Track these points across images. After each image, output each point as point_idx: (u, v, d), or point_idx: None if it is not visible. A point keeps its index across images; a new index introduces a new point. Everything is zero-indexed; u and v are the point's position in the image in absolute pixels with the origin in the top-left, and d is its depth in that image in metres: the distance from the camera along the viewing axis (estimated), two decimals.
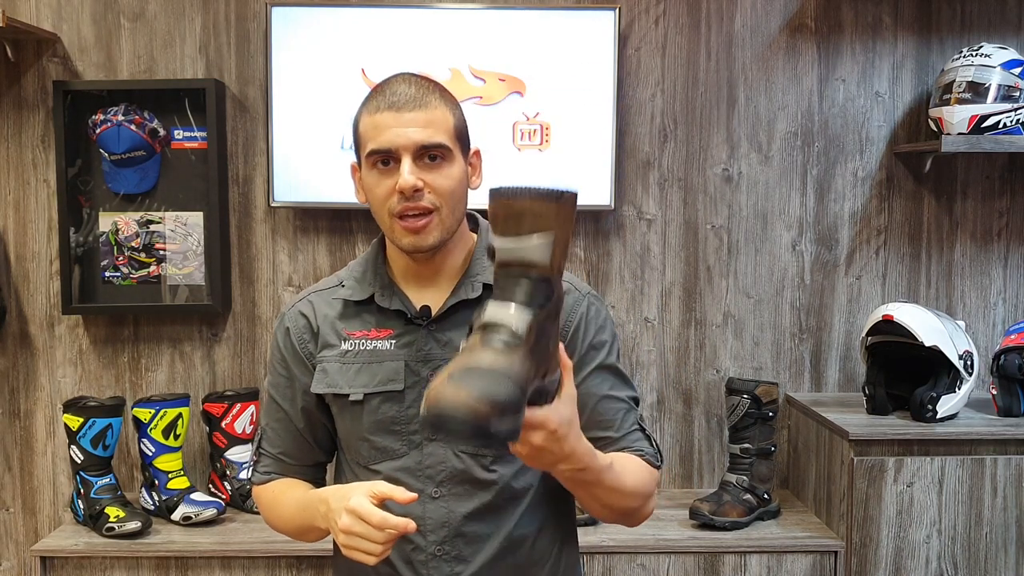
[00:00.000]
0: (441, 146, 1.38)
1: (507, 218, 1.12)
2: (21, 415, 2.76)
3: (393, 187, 1.37)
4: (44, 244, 2.72)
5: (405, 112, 1.37)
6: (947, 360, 2.42)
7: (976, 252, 2.81)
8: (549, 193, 1.11)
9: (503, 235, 1.13)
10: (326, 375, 1.47)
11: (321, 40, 2.61)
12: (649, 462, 1.46)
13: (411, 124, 1.37)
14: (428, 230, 1.38)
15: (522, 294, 1.11)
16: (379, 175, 1.39)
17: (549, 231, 1.11)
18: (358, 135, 1.43)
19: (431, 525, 1.42)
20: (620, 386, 1.48)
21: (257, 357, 2.77)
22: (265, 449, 1.55)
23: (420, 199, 1.37)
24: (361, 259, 1.53)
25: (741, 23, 2.74)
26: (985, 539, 2.39)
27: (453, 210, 1.40)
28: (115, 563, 2.39)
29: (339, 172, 2.64)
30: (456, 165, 1.41)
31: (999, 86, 2.50)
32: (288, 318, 1.53)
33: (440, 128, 1.39)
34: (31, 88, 2.69)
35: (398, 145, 1.36)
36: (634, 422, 1.48)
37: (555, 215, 1.11)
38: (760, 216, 2.78)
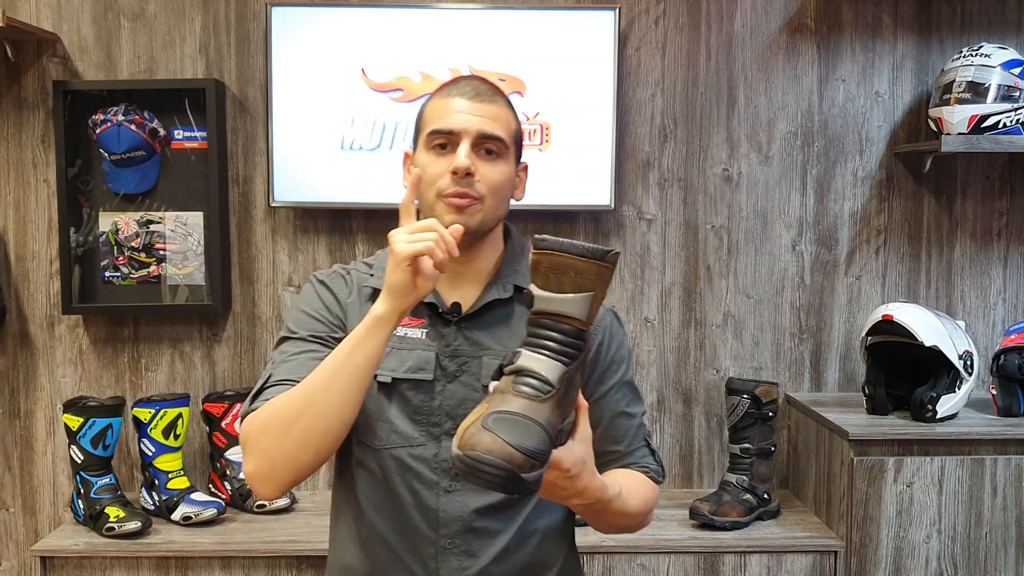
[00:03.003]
0: (500, 140, 1.42)
1: (549, 270, 1.15)
2: (21, 415, 2.76)
3: (446, 168, 1.39)
4: (44, 244, 2.72)
5: (476, 102, 1.42)
6: (947, 360, 2.42)
7: (976, 252, 2.81)
8: (595, 252, 1.15)
9: (544, 288, 1.16)
10: None
11: (321, 40, 2.61)
12: (652, 478, 1.51)
13: (479, 113, 1.41)
14: (472, 211, 1.39)
15: (557, 345, 1.15)
16: (435, 156, 1.42)
17: (590, 290, 1.15)
18: (423, 118, 1.47)
19: (444, 518, 1.41)
20: (635, 402, 1.52)
21: (257, 357, 2.77)
22: (275, 381, 1.37)
23: (470, 185, 1.39)
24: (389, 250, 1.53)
25: (741, 23, 2.75)
26: (985, 539, 2.39)
27: (496, 206, 1.43)
28: (115, 563, 2.39)
29: (339, 172, 2.64)
30: (508, 165, 1.44)
31: (999, 86, 2.50)
32: (329, 279, 1.49)
33: (503, 126, 1.43)
34: (31, 88, 2.69)
35: (461, 128, 1.40)
36: (642, 438, 1.52)
37: (597, 274, 1.15)
38: (760, 216, 2.78)
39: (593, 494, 1.26)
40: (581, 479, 1.22)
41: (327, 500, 2.67)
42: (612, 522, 1.41)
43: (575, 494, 1.24)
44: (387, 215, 2.73)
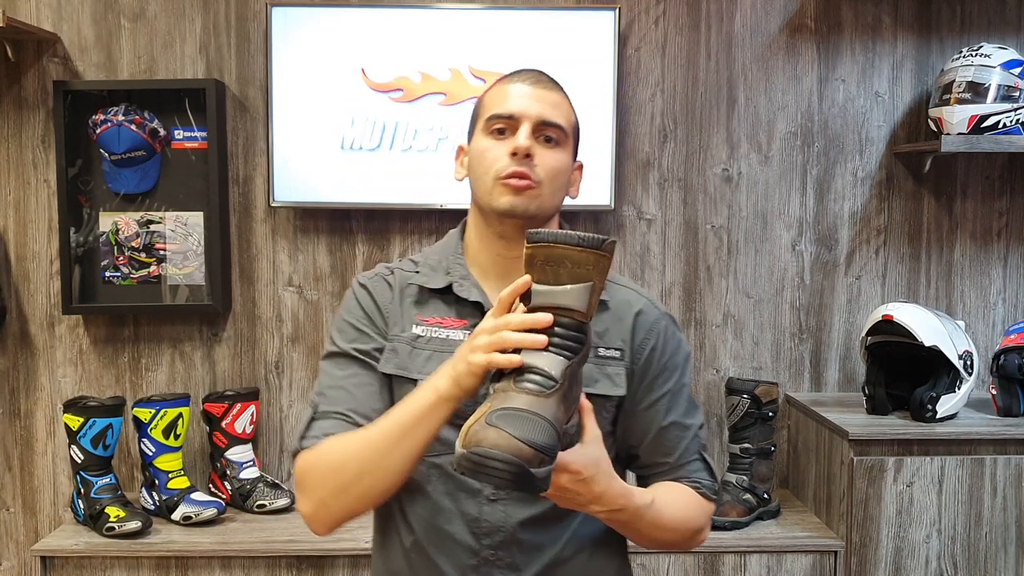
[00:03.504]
0: (560, 128, 1.39)
1: (545, 263, 1.12)
2: (21, 415, 2.76)
3: (505, 151, 1.36)
4: (44, 244, 2.72)
5: (537, 88, 1.39)
6: (947, 360, 2.42)
7: (976, 252, 2.81)
8: (591, 241, 1.12)
9: (541, 281, 1.13)
10: (396, 356, 1.39)
11: (321, 40, 2.61)
12: (704, 495, 1.44)
13: (540, 99, 1.38)
14: (529, 195, 1.36)
15: (558, 340, 1.12)
16: (494, 141, 1.39)
17: (588, 281, 1.11)
18: (481, 106, 1.44)
19: (486, 528, 1.35)
20: (687, 412, 1.46)
21: (257, 357, 2.77)
22: (323, 411, 1.36)
23: (529, 167, 1.35)
24: (436, 248, 1.50)
25: (741, 23, 2.75)
26: (985, 539, 2.39)
27: (553, 195, 1.39)
28: (115, 563, 2.39)
29: (339, 172, 2.64)
30: (567, 155, 1.41)
31: (999, 86, 2.50)
32: (371, 282, 1.45)
33: (563, 114, 1.40)
34: (31, 88, 2.69)
35: (521, 111, 1.37)
36: (696, 451, 1.45)
37: (595, 264, 1.12)
38: (760, 216, 2.78)
39: (614, 499, 1.22)
40: (596, 482, 1.19)
41: None
42: (648, 534, 1.35)
43: (593, 499, 1.20)
44: (387, 215, 2.73)
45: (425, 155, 2.64)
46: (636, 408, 1.42)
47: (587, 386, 1.32)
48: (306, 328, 2.77)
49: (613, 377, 1.39)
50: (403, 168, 2.64)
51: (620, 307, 1.43)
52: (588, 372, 1.34)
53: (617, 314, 1.43)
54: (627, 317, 1.43)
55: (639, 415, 1.42)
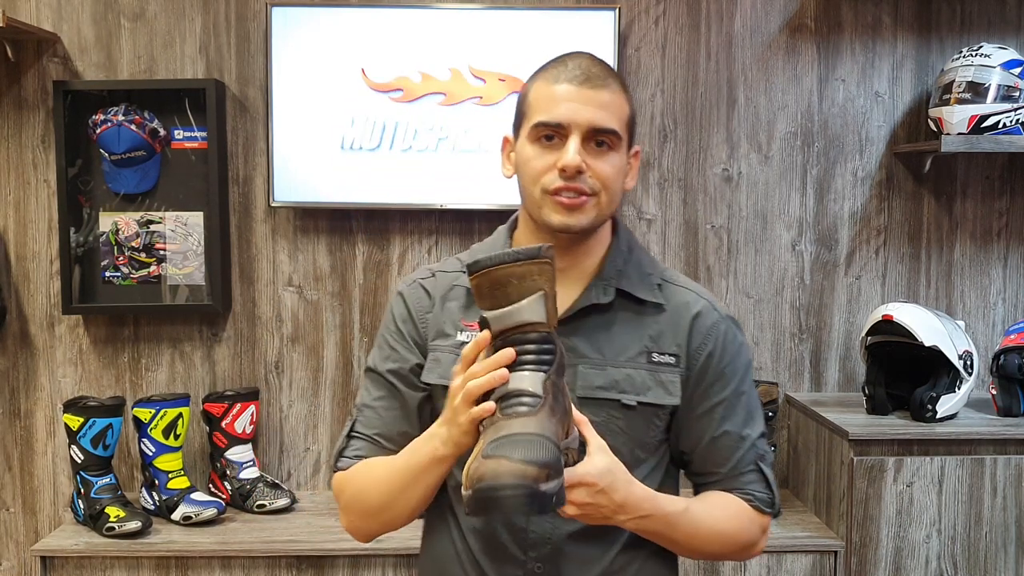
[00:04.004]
0: (613, 132, 1.29)
1: (493, 288, 1.12)
2: (21, 415, 2.76)
3: (553, 164, 1.28)
4: (44, 244, 2.72)
5: (586, 88, 1.28)
6: (947, 360, 2.42)
7: (976, 252, 2.81)
8: (528, 252, 1.12)
9: (493, 307, 1.13)
10: (439, 365, 1.36)
11: (321, 40, 2.61)
12: (757, 507, 1.37)
13: (589, 102, 1.28)
14: (583, 211, 1.29)
15: (530, 356, 1.11)
16: (540, 149, 1.30)
17: (539, 291, 1.11)
18: (526, 103, 1.33)
19: (533, 540, 1.31)
20: (745, 422, 1.38)
21: (257, 357, 2.77)
22: (358, 432, 1.40)
23: (581, 182, 1.28)
24: (485, 246, 1.43)
25: (741, 23, 2.75)
26: (985, 539, 2.39)
27: (610, 201, 1.32)
28: (115, 563, 2.39)
29: (339, 172, 2.64)
30: (621, 156, 1.32)
31: (999, 86, 2.50)
32: (408, 289, 1.42)
33: (616, 114, 1.30)
34: (31, 88, 2.69)
35: (571, 121, 1.28)
36: (751, 461, 1.38)
37: (539, 272, 1.12)
38: (760, 216, 2.78)
39: (637, 505, 1.20)
40: (615, 490, 1.17)
41: (327, 500, 2.69)
42: (688, 544, 1.31)
43: (616, 508, 1.18)
44: (387, 215, 2.73)
45: (425, 155, 2.64)
46: (690, 415, 1.37)
47: (638, 394, 1.30)
48: (306, 328, 2.77)
49: (667, 385, 1.34)
50: (403, 168, 2.64)
51: (677, 310, 1.37)
52: (641, 380, 1.32)
53: (673, 317, 1.36)
54: (684, 320, 1.36)
55: (692, 422, 1.37)
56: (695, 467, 1.41)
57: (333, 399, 2.78)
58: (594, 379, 1.31)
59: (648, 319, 1.35)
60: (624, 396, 1.30)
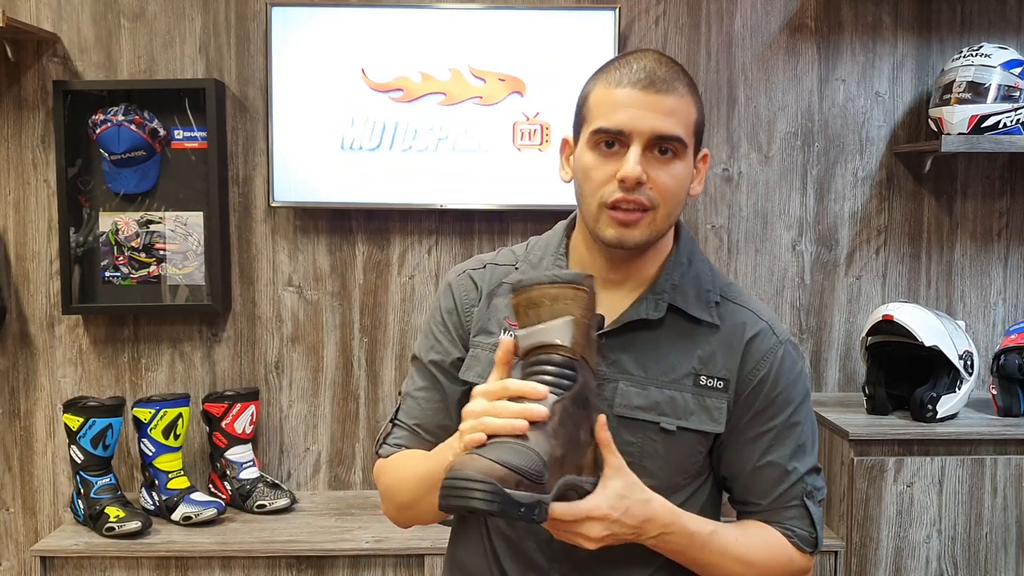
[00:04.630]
0: (678, 140, 1.22)
1: (527, 308, 1.13)
2: (21, 415, 2.76)
3: (613, 174, 1.21)
4: (44, 244, 2.72)
5: (651, 93, 1.20)
6: (947, 360, 2.42)
7: (976, 252, 2.81)
8: (566, 276, 1.12)
9: (524, 325, 1.13)
10: (478, 363, 1.31)
11: (321, 40, 2.61)
12: (796, 545, 1.29)
13: (653, 109, 1.20)
14: (638, 227, 1.22)
15: (546, 377, 1.11)
16: (600, 157, 1.23)
17: (568, 314, 1.11)
18: (586, 106, 1.26)
19: (558, 551, 1.25)
20: (795, 455, 1.29)
21: (257, 357, 2.77)
22: (400, 421, 1.38)
23: (640, 193, 1.21)
24: (540, 243, 1.38)
25: (741, 23, 2.74)
26: (985, 539, 2.39)
27: (670, 213, 1.25)
28: (115, 563, 2.39)
29: (339, 172, 2.64)
30: (685, 164, 1.25)
31: (999, 86, 2.50)
32: (457, 280, 1.38)
33: (682, 120, 1.22)
34: (31, 88, 2.68)
35: (632, 128, 1.20)
36: (796, 496, 1.29)
37: (573, 298, 1.11)
38: (760, 216, 2.78)
39: (658, 519, 1.16)
40: (632, 515, 1.13)
41: (327, 500, 2.69)
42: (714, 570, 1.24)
43: (637, 530, 1.14)
44: (387, 215, 2.73)
45: (425, 155, 2.64)
46: (735, 441, 1.29)
47: (679, 419, 1.25)
48: (306, 328, 2.76)
49: (712, 411, 1.26)
50: (403, 168, 2.64)
51: (733, 330, 1.29)
52: (684, 403, 1.26)
53: (727, 338, 1.28)
54: (738, 342, 1.28)
55: (737, 448, 1.30)
56: (736, 495, 1.35)
57: (333, 399, 2.78)
58: (633, 398, 1.25)
59: (700, 339, 1.28)
60: (664, 420, 1.24)
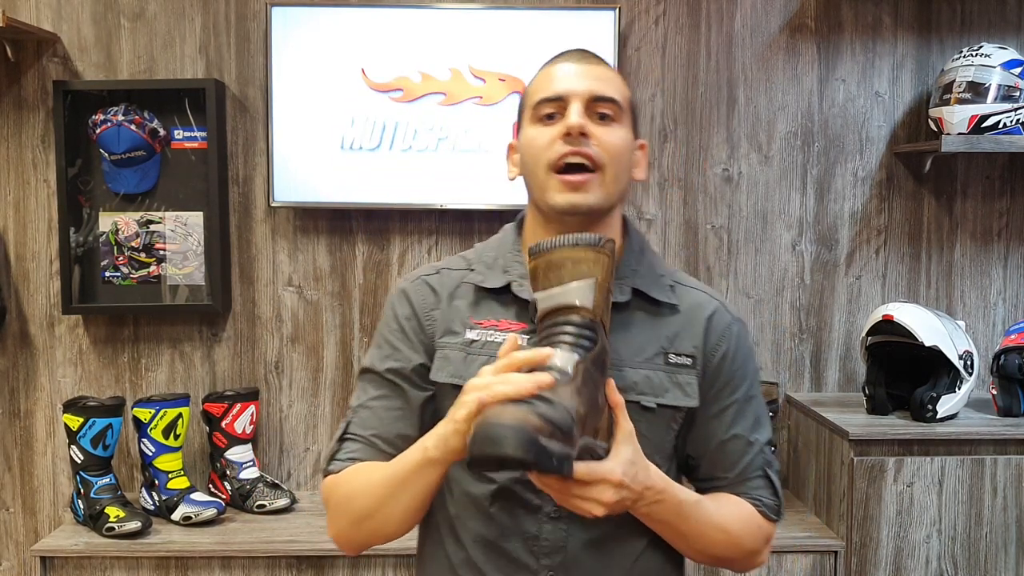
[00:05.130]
0: (614, 102, 1.28)
1: (547, 271, 1.12)
2: (21, 415, 2.76)
3: (556, 136, 1.25)
4: (44, 244, 2.72)
5: (584, 63, 1.29)
6: (947, 360, 2.42)
7: (976, 252, 2.80)
8: (588, 239, 1.12)
9: (544, 288, 1.13)
10: (448, 363, 1.31)
11: (321, 40, 2.61)
12: (764, 514, 1.35)
13: (588, 75, 1.28)
14: (588, 188, 1.25)
15: (568, 337, 1.10)
16: (543, 127, 1.28)
17: (590, 276, 1.11)
18: (525, 96, 1.33)
19: (546, 547, 1.27)
20: (754, 426, 1.36)
21: (257, 357, 2.77)
22: (353, 434, 1.34)
23: (586, 145, 1.24)
24: (492, 244, 1.40)
25: (741, 23, 2.74)
26: (985, 539, 2.39)
27: (616, 177, 1.28)
28: (115, 563, 2.39)
29: (339, 172, 2.64)
30: (625, 131, 1.30)
31: (999, 86, 2.50)
32: (411, 287, 1.37)
33: (616, 87, 1.30)
34: (31, 88, 2.68)
35: (569, 91, 1.26)
36: (759, 467, 1.36)
37: (594, 261, 1.12)
38: (760, 216, 2.78)
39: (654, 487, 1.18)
40: (637, 481, 1.15)
41: None
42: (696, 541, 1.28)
43: (638, 497, 1.16)
44: (387, 215, 2.73)
45: (425, 155, 2.64)
46: (702, 417, 1.34)
47: (657, 396, 1.28)
48: (306, 328, 2.76)
49: (684, 387, 1.31)
50: (403, 168, 2.64)
51: (691, 310, 1.34)
52: (659, 381, 1.29)
53: (688, 318, 1.34)
54: (699, 321, 1.34)
55: (702, 424, 1.34)
56: (702, 471, 1.38)
57: (333, 399, 2.78)
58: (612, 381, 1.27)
59: (663, 320, 1.32)
60: (643, 398, 1.27)
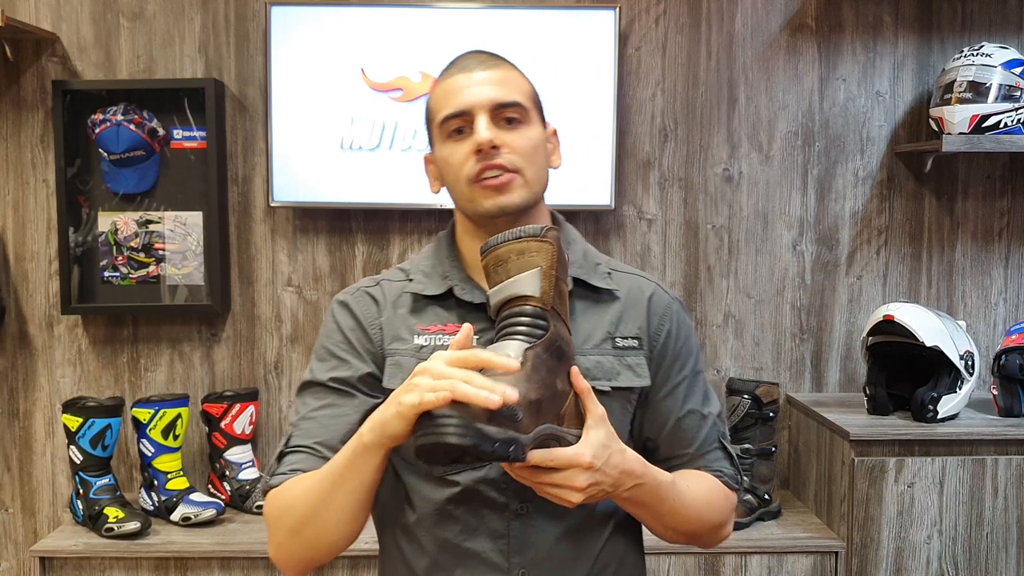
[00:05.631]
0: (518, 105, 1.29)
1: (496, 266, 1.17)
2: (20, 415, 2.76)
3: (469, 152, 1.27)
4: (43, 244, 2.72)
5: (478, 71, 1.29)
6: (948, 360, 2.42)
7: (977, 252, 2.80)
8: (528, 231, 1.17)
9: (495, 283, 1.17)
10: (401, 370, 1.29)
11: (321, 40, 2.61)
12: (727, 484, 1.39)
13: (485, 83, 1.28)
14: (511, 189, 1.27)
15: (519, 327, 1.14)
16: (454, 143, 1.29)
17: (535, 266, 1.15)
18: (429, 111, 1.34)
19: (515, 545, 1.28)
20: (705, 400, 1.40)
21: (256, 357, 2.77)
22: (294, 445, 1.30)
23: (498, 156, 1.26)
24: (426, 253, 1.41)
25: (742, 22, 2.74)
26: (986, 539, 2.39)
27: (537, 175, 1.30)
28: (114, 564, 2.39)
29: (339, 172, 2.64)
30: (535, 129, 1.31)
31: (1000, 86, 2.49)
32: (352, 298, 1.37)
33: (516, 88, 1.30)
34: (30, 88, 2.68)
35: (471, 103, 1.27)
36: (714, 439, 1.39)
37: (538, 250, 1.16)
38: (761, 216, 2.78)
39: (633, 471, 1.18)
40: (614, 465, 1.15)
41: None
42: (672, 522, 1.29)
43: (616, 482, 1.16)
44: (387, 215, 2.73)
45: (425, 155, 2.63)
46: (655, 397, 1.37)
47: (610, 380, 1.30)
48: (305, 328, 2.76)
49: (635, 368, 1.33)
50: (403, 168, 2.64)
51: (632, 294, 1.38)
52: (610, 365, 1.32)
53: (630, 301, 1.37)
54: (640, 303, 1.37)
55: (657, 405, 1.37)
56: (663, 451, 1.39)
57: None
58: None
59: (605, 306, 1.35)
60: (597, 383, 1.27)
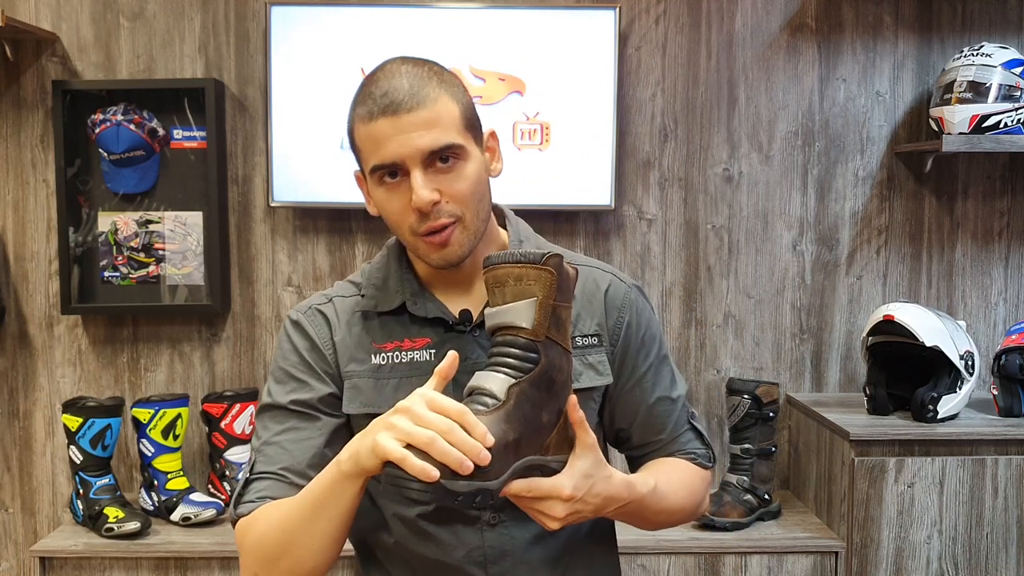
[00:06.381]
0: (452, 146, 1.21)
1: (494, 286, 1.11)
2: (20, 415, 2.76)
3: (407, 204, 1.21)
4: (43, 244, 2.72)
5: (403, 115, 1.19)
6: (948, 360, 2.42)
7: (977, 252, 2.80)
8: (531, 256, 1.10)
9: (490, 305, 1.12)
10: (359, 393, 1.28)
11: (321, 40, 2.61)
12: (701, 464, 1.40)
13: (413, 128, 1.19)
14: (454, 241, 1.23)
15: (511, 360, 1.10)
16: (389, 191, 1.23)
17: (531, 296, 1.10)
18: (356, 146, 1.27)
19: (492, 555, 1.28)
20: (672, 384, 1.39)
21: (256, 357, 2.77)
22: (259, 472, 1.26)
23: (439, 215, 1.21)
24: (377, 265, 1.36)
25: (742, 22, 2.74)
26: (986, 540, 2.39)
27: (477, 213, 1.25)
28: (114, 564, 2.39)
29: (339, 172, 2.64)
30: (472, 161, 1.24)
31: (1000, 86, 2.49)
32: (304, 317, 1.33)
33: (447, 125, 1.21)
34: (30, 88, 2.68)
35: (403, 156, 1.20)
36: (684, 422, 1.40)
37: (536, 279, 1.10)
38: (761, 216, 2.78)
39: (618, 497, 1.17)
40: (596, 494, 1.14)
41: None
42: (655, 519, 1.31)
43: (598, 508, 1.15)
44: None
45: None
46: (622, 389, 1.36)
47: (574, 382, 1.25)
48: None
49: (596, 366, 1.32)
50: None
51: (587, 288, 1.33)
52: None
53: (586, 296, 1.33)
54: (596, 298, 1.34)
55: (625, 396, 1.36)
56: (635, 440, 1.40)
57: None
58: None
59: None
60: None
